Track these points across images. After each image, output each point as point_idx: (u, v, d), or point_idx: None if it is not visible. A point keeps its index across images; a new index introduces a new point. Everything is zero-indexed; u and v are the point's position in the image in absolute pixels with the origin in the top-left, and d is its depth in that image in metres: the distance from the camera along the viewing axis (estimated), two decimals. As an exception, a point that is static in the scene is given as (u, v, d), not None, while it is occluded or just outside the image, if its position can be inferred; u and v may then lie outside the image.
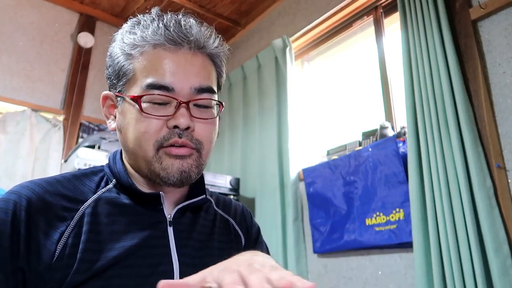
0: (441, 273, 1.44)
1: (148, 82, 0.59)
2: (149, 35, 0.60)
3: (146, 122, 0.59)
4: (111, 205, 0.61)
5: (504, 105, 1.49)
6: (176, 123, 0.59)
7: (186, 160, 0.60)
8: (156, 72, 0.59)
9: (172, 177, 0.59)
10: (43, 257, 0.53)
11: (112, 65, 0.64)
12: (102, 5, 2.95)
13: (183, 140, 0.59)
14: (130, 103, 0.61)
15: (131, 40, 0.61)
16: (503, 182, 1.42)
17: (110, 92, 0.66)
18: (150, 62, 0.60)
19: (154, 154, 0.59)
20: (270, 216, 2.30)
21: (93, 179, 0.65)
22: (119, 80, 0.63)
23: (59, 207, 0.57)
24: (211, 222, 0.72)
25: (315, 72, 2.64)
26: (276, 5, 2.81)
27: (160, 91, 0.59)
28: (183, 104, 0.59)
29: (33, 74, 2.66)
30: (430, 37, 1.66)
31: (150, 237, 0.60)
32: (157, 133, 0.59)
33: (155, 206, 0.63)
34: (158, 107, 0.59)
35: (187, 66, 0.60)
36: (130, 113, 0.61)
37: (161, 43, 0.60)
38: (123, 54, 0.62)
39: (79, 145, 2.29)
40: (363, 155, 1.90)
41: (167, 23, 0.61)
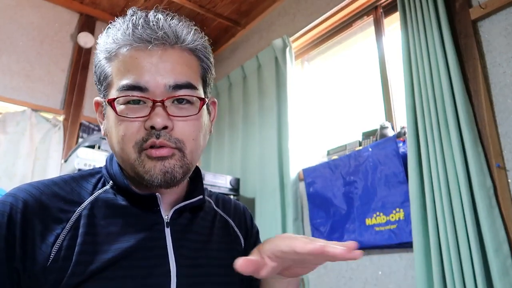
0: (441, 273, 1.44)
1: (121, 84, 0.58)
2: (119, 37, 0.59)
3: (123, 125, 0.58)
4: (108, 207, 0.61)
5: (504, 105, 1.49)
6: (152, 124, 0.57)
7: (168, 161, 0.58)
8: (129, 73, 0.58)
9: (155, 179, 0.58)
10: (38, 259, 0.53)
11: (96, 70, 0.64)
12: (102, 5, 2.95)
13: (160, 141, 0.57)
14: (110, 107, 0.60)
15: (107, 43, 0.61)
16: (503, 182, 1.42)
17: (100, 98, 0.66)
18: (123, 64, 0.59)
19: (137, 157, 0.58)
20: (270, 216, 2.30)
21: (90, 181, 0.64)
22: (101, 85, 0.63)
23: (56, 209, 0.57)
24: (210, 223, 0.71)
25: (315, 72, 2.64)
26: (276, 5, 2.81)
27: (133, 91, 0.57)
28: (157, 103, 0.57)
29: (33, 74, 2.66)
30: (430, 37, 1.66)
31: (146, 238, 0.60)
32: (134, 135, 0.58)
33: (152, 207, 0.63)
34: (134, 109, 0.58)
35: (159, 64, 0.58)
36: (111, 117, 0.60)
37: (130, 43, 0.59)
38: (103, 58, 0.62)
39: (79, 145, 2.29)
40: (363, 155, 1.90)
41: (136, 22, 0.59)
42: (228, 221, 0.75)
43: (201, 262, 0.64)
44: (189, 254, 0.63)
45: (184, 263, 0.61)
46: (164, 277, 0.58)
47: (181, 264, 0.60)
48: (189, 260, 0.62)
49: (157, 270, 0.58)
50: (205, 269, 0.63)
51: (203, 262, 0.64)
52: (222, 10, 2.97)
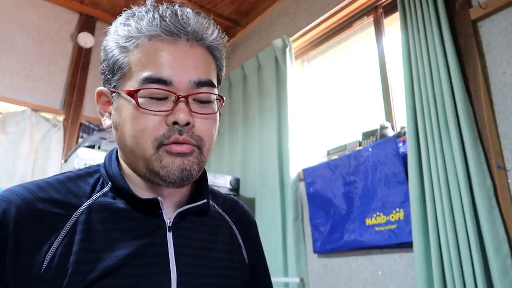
0: (441, 273, 1.44)
1: (144, 75, 0.55)
2: (144, 26, 0.57)
3: (143, 118, 0.55)
4: (107, 211, 0.57)
5: (504, 105, 1.49)
6: (175, 119, 0.55)
7: (187, 158, 0.57)
8: (153, 64, 0.56)
9: (172, 175, 0.56)
10: (31, 270, 0.50)
11: (107, 59, 0.60)
12: (102, 5, 2.95)
13: (184, 137, 0.56)
14: (126, 98, 0.57)
15: (125, 32, 0.58)
16: (503, 182, 1.42)
17: (105, 88, 0.62)
18: (146, 55, 0.56)
19: (154, 152, 0.55)
20: (270, 216, 2.30)
21: (88, 182, 0.61)
22: (114, 75, 0.59)
23: (51, 215, 0.54)
24: (215, 228, 0.68)
25: (315, 72, 2.64)
26: (276, 5, 2.81)
27: (157, 84, 0.55)
28: (181, 98, 0.56)
29: (33, 74, 2.66)
30: (430, 37, 1.66)
31: (147, 244, 0.57)
32: (155, 130, 0.55)
33: (154, 210, 0.60)
34: (155, 102, 0.56)
35: (185, 59, 0.57)
36: (126, 109, 0.57)
37: (157, 34, 0.57)
38: (117, 47, 0.58)
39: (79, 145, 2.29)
40: (363, 155, 1.90)
41: (163, 14, 0.57)
42: (232, 228, 0.72)
43: (202, 272, 0.61)
44: (190, 262, 0.60)
45: (185, 271, 0.58)
46: (165, 286, 0.56)
47: (182, 272, 0.58)
48: (190, 268, 0.59)
49: (158, 278, 0.55)
50: (206, 279, 0.61)
51: (204, 272, 0.61)
52: (222, 10, 2.97)
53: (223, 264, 0.65)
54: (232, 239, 0.70)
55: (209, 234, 0.66)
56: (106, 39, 0.61)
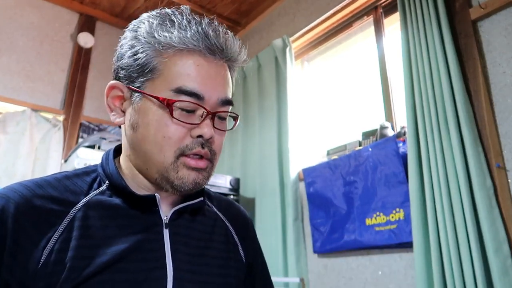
0: (441, 273, 1.44)
1: (178, 85, 0.57)
2: (188, 39, 0.57)
3: (172, 127, 0.57)
4: (104, 208, 0.58)
5: (504, 105, 1.49)
6: (201, 133, 0.58)
7: (202, 173, 0.60)
8: (189, 77, 0.57)
9: (186, 187, 0.59)
10: (29, 266, 0.51)
11: (135, 57, 0.59)
12: (102, 5, 2.95)
13: (206, 151, 0.59)
14: (154, 103, 0.57)
15: (166, 38, 0.57)
16: (503, 182, 1.42)
17: (120, 83, 0.62)
18: (183, 66, 0.57)
19: (173, 161, 0.58)
20: (270, 216, 2.30)
21: (85, 180, 0.62)
22: (142, 76, 0.59)
23: (48, 212, 0.55)
24: (210, 228, 0.69)
25: (315, 72, 2.64)
26: (276, 5, 2.81)
27: (190, 97, 0.57)
28: (210, 114, 0.58)
29: (33, 74, 2.66)
30: (430, 37, 1.66)
31: (144, 240, 0.58)
32: (180, 140, 0.57)
33: (151, 208, 0.61)
34: (185, 114, 0.58)
35: (217, 77, 0.60)
36: (153, 114, 0.58)
37: (199, 50, 0.58)
38: (153, 50, 0.58)
39: (79, 145, 2.29)
40: (363, 155, 1.90)
41: (206, 30, 0.58)
42: (228, 227, 0.73)
43: (198, 269, 0.62)
44: (186, 259, 0.61)
45: (181, 267, 0.59)
46: (161, 281, 0.56)
47: (178, 268, 0.59)
48: (186, 264, 0.60)
49: (154, 273, 0.56)
50: (202, 277, 0.62)
51: (200, 269, 0.62)
52: (222, 10, 2.97)
53: (219, 262, 0.66)
54: (227, 238, 0.71)
55: (204, 232, 0.67)
56: (136, 36, 0.60)
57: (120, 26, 3.14)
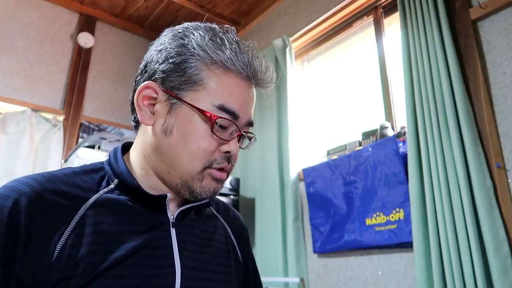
0: (441, 273, 1.44)
1: (221, 103, 0.60)
2: (237, 62, 0.62)
3: (207, 140, 0.60)
4: (114, 206, 0.60)
5: (504, 105, 1.49)
6: (229, 149, 0.62)
7: (220, 184, 0.65)
8: (231, 97, 0.61)
9: (204, 195, 0.63)
10: (42, 260, 0.51)
11: (184, 64, 0.60)
12: (102, 5, 2.95)
13: (230, 166, 0.64)
14: (195, 112, 0.60)
15: (218, 56, 0.60)
16: (503, 182, 1.42)
17: (156, 85, 0.62)
18: (227, 86, 0.61)
19: (200, 171, 0.61)
20: (270, 216, 2.30)
21: (93, 177, 0.63)
22: (185, 84, 0.60)
23: (60, 207, 0.55)
24: (212, 228, 0.72)
25: (315, 72, 2.64)
26: (276, 5, 2.81)
27: (229, 115, 0.61)
28: (239, 134, 0.63)
29: (33, 74, 2.66)
30: (430, 37, 1.66)
31: (153, 237, 0.60)
32: (212, 154, 0.61)
33: (159, 207, 0.63)
34: (220, 130, 0.61)
35: (251, 101, 0.66)
36: (191, 124, 0.60)
37: (244, 75, 0.63)
38: (202, 63, 0.61)
39: (79, 145, 2.29)
40: (363, 155, 1.90)
41: (254, 59, 0.63)
42: (227, 229, 0.76)
43: (202, 266, 0.64)
44: (192, 257, 0.63)
45: (188, 265, 0.61)
46: (170, 277, 0.58)
47: (185, 265, 0.61)
48: (192, 262, 0.63)
49: (163, 269, 0.58)
50: (206, 274, 0.64)
51: (204, 267, 0.65)
52: (222, 10, 2.97)
53: (220, 261, 0.69)
54: (227, 239, 0.75)
55: (207, 232, 0.70)
56: (184, 44, 0.61)
57: (120, 26, 3.14)
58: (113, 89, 2.99)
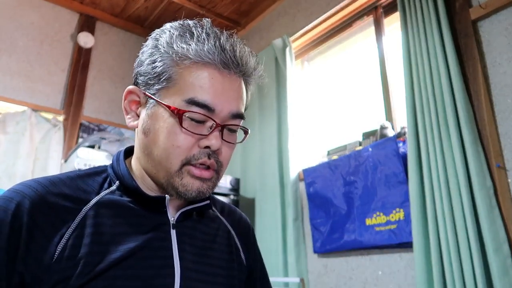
0: (441, 273, 1.44)
1: (191, 96, 0.58)
2: (204, 52, 0.59)
3: (181, 137, 0.58)
4: (114, 207, 0.60)
5: (504, 105, 1.49)
6: (209, 144, 0.59)
7: (207, 182, 0.61)
8: (201, 89, 0.59)
9: (189, 194, 0.60)
10: (43, 259, 0.52)
11: (153, 65, 0.61)
12: (102, 5, 2.94)
13: (211, 162, 0.60)
14: (166, 110, 0.59)
15: (183, 50, 0.59)
16: (503, 182, 1.42)
17: (138, 88, 0.64)
18: (198, 78, 0.59)
19: (178, 169, 0.59)
20: (270, 216, 2.30)
21: (96, 180, 0.64)
22: (157, 83, 0.61)
23: (62, 209, 0.56)
24: (214, 230, 0.71)
25: (315, 72, 2.64)
26: (276, 5, 2.81)
27: (201, 109, 0.58)
28: (218, 126, 0.60)
29: (33, 74, 2.66)
30: (430, 37, 1.66)
31: (153, 239, 0.60)
32: (188, 150, 0.59)
33: (159, 208, 0.63)
34: (194, 125, 0.59)
35: (230, 91, 0.61)
36: (163, 122, 0.59)
37: (214, 64, 0.60)
38: (170, 60, 0.60)
39: (79, 145, 2.29)
40: (363, 155, 1.90)
41: (223, 45, 0.60)
42: (230, 232, 0.75)
43: (203, 269, 0.64)
44: (192, 259, 0.63)
45: (188, 267, 0.61)
46: (169, 278, 0.58)
47: (185, 267, 0.61)
48: (192, 264, 0.62)
49: (163, 271, 0.58)
50: (207, 276, 0.64)
51: (205, 269, 0.64)
52: (222, 10, 2.97)
53: (222, 263, 0.68)
54: (230, 241, 0.74)
55: (208, 234, 0.69)
56: (157, 44, 0.62)
57: (120, 26, 3.14)
58: (113, 89, 2.99)
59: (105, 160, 2.14)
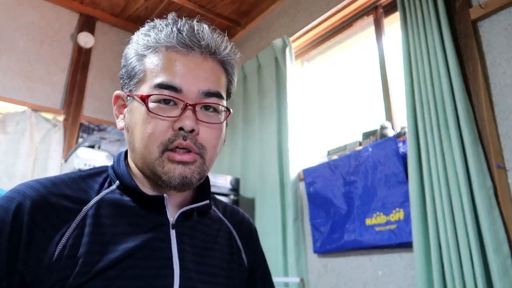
0: (441, 273, 1.44)
1: (157, 82, 0.59)
2: (162, 38, 0.61)
3: (153, 122, 0.59)
4: (114, 206, 0.61)
5: (504, 105, 1.49)
6: (181, 125, 0.58)
7: (189, 166, 0.60)
8: (166, 72, 0.60)
9: (173, 181, 0.59)
10: (43, 259, 0.52)
11: (126, 65, 0.65)
12: (102, 5, 2.95)
13: (187, 143, 0.59)
14: (138, 102, 0.61)
15: (144, 41, 0.62)
16: (503, 182, 1.42)
17: (122, 92, 0.67)
18: (161, 63, 0.60)
19: (158, 156, 0.59)
20: (270, 216, 2.30)
21: (96, 180, 0.64)
22: (131, 80, 0.63)
23: (62, 209, 0.57)
24: (215, 231, 0.71)
25: (315, 72, 2.64)
26: (276, 5, 2.81)
27: (168, 91, 0.59)
28: (189, 106, 0.59)
29: (33, 74, 2.66)
30: (430, 37, 1.66)
31: (152, 239, 0.60)
32: (162, 134, 0.59)
33: (159, 208, 0.63)
34: (165, 108, 0.59)
35: (196, 70, 0.61)
36: (138, 113, 0.61)
37: (173, 46, 0.61)
38: (136, 55, 0.63)
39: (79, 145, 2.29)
40: (363, 155, 1.90)
41: (180, 27, 0.62)
42: (232, 232, 0.75)
43: (203, 269, 0.64)
44: (192, 259, 0.63)
45: (188, 267, 0.61)
46: (169, 279, 0.58)
47: (184, 267, 0.60)
48: (192, 264, 0.62)
49: (162, 271, 0.58)
50: (207, 277, 0.64)
51: (205, 270, 0.64)
52: (222, 10, 2.97)
53: (223, 264, 0.68)
54: (231, 242, 0.73)
55: (209, 235, 0.69)
56: (127, 47, 0.66)
57: (120, 26, 3.14)
58: (113, 89, 2.95)
59: (105, 160, 2.14)
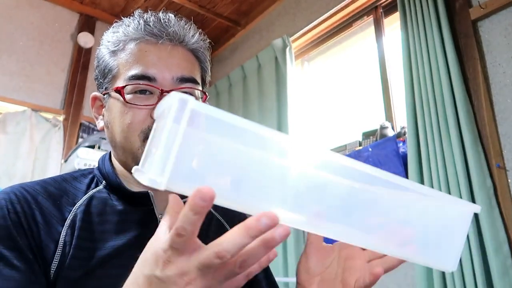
0: (441, 273, 1.44)
1: (131, 73, 0.60)
2: (131, 31, 0.63)
3: (130, 112, 0.59)
4: (102, 205, 0.61)
5: (504, 105, 1.49)
6: None
7: None
8: (138, 64, 0.61)
9: None
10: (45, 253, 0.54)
11: (99, 65, 0.65)
12: (102, 5, 2.95)
13: None
14: (115, 97, 0.61)
15: (114, 38, 0.63)
16: (503, 182, 1.42)
17: (98, 93, 0.67)
18: (133, 56, 0.62)
19: (140, 146, 0.59)
20: (270, 216, 2.30)
21: (83, 181, 0.65)
22: (105, 78, 0.64)
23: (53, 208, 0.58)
24: (206, 226, 0.70)
25: (315, 72, 2.64)
26: (276, 5, 2.81)
27: (142, 81, 0.60)
28: (165, 93, 0.59)
29: (33, 74, 2.66)
30: (430, 37, 1.66)
31: (139, 237, 0.59)
32: (141, 123, 0.59)
33: (146, 205, 0.62)
34: (141, 98, 0.60)
35: (168, 58, 0.62)
36: (115, 107, 0.62)
37: (141, 37, 0.62)
38: (107, 53, 0.64)
39: (79, 145, 2.29)
40: (363, 155, 1.90)
41: (147, 19, 0.63)
42: (223, 225, 0.74)
43: None
44: None
45: None
46: None
47: None
48: None
49: None
50: None
51: None
52: (222, 10, 2.97)
53: None
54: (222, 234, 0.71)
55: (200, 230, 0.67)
56: (98, 48, 0.67)
57: (120, 26, 3.14)
58: (113, 89, 2.99)
59: (105, 160, 2.14)
